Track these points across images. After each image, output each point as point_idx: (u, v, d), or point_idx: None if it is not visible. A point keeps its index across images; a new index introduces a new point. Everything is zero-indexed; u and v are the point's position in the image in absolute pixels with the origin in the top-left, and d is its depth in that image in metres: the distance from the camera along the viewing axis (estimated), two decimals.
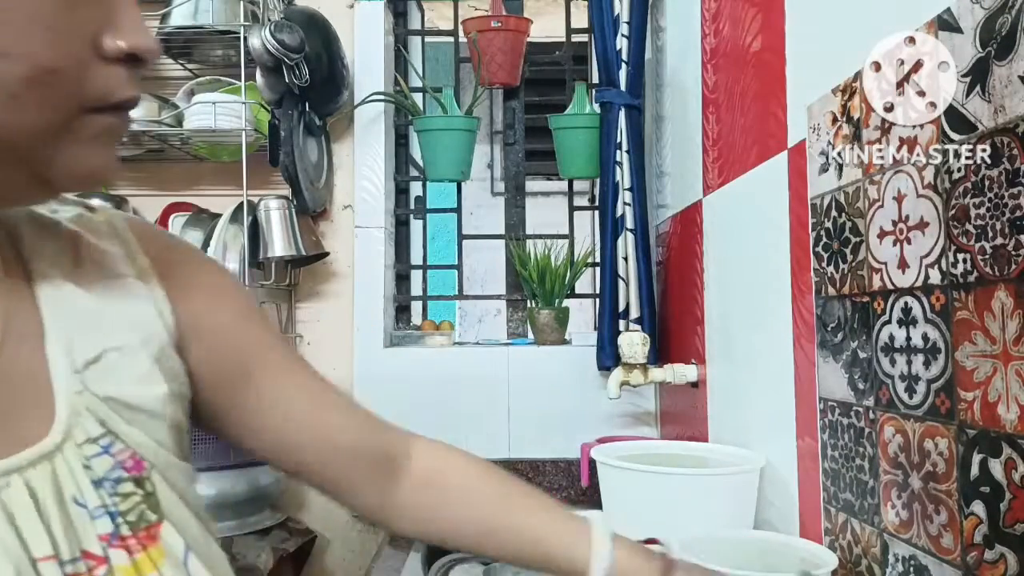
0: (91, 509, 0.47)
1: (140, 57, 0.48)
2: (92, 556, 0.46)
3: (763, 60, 1.15)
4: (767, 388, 1.14)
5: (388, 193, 2.02)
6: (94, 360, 0.50)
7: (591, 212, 2.21)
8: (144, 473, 0.50)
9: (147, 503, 0.49)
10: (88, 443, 0.48)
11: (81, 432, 0.48)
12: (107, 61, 0.47)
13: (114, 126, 0.49)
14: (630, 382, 1.55)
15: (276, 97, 1.72)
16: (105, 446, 0.49)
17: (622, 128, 1.71)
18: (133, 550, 0.48)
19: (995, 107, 0.64)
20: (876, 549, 0.83)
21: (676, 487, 1.07)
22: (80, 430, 0.48)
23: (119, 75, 0.47)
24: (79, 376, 0.49)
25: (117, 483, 0.48)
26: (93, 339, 0.51)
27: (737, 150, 1.27)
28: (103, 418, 0.49)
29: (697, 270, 1.48)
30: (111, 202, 1.90)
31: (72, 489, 0.47)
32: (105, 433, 0.49)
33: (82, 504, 0.47)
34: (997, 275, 0.64)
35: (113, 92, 0.47)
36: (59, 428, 0.47)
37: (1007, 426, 0.63)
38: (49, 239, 0.54)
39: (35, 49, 0.43)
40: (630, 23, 1.70)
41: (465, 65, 2.12)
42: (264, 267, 1.83)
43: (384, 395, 1.89)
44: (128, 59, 0.47)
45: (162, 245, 0.60)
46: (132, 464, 0.50)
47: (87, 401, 0.49)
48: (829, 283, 0.93)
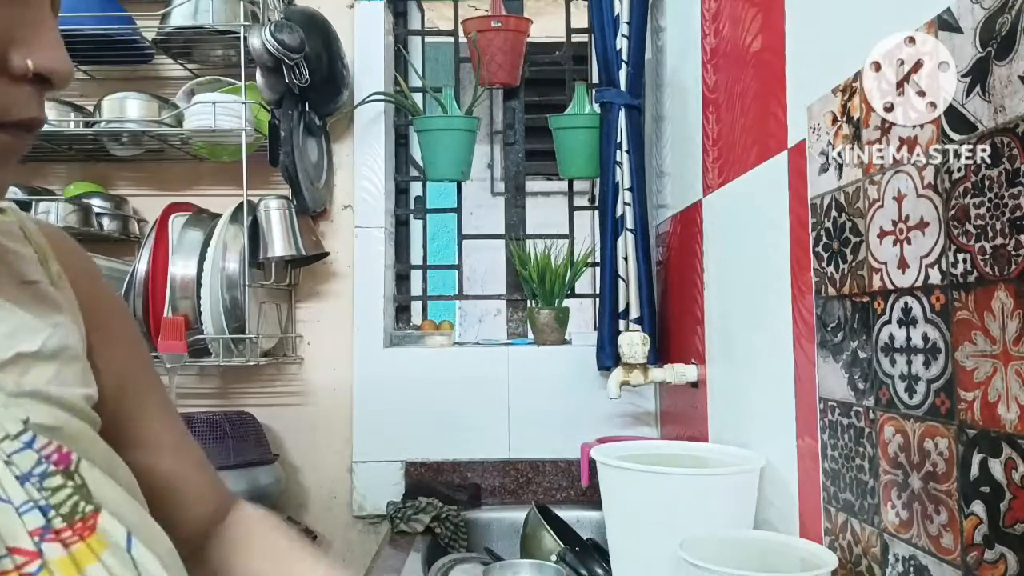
0: (17, 505, 0.46)
1: (49, 79, 0.46)
2: (22, 552, 0.45)
3: (763, 60, 1.15)
4: (767, 388, 1.14)
5: (388, 193, 2.02)
6: (8, 362, 0.49)
7: (591, 212, 2.21)
8: (72, 465, 0.49)
9: (79, 494, 0.49)
10: (7, 440, 0.47)
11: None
12: (11, 79, 0.45)
13: (8, 144, 0.47)
14: (630, 382, 1.55)
15: (276, 97, 1.72)
16: (27, 442, 0.48)
17: (622, 128, 1.71)
18: (69, 543, 0.47)
19: (995, 107, 0.64)
20: (876, 549, 0.83)
21: (676, 487, 1.07)
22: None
23: (23, 94, 0.46)
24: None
25: (44, 477, 0.48)
26: (7, 341, 0.50)
27: (737, 150, 1.27)
28: (23, 415, 0.48)
29: (697, 270, 1.48)
30: (111, 202, 1.90)
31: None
32: (25, 429, 0.48)
33: (6, 500, 0.46)
34: (997, 275, 0.64)
35: (11, 110, 0.45)
36: None
37: (1007, 426, 0.63)
38: None
39: None
40: (630, 23, 1.70)
41: (465, 65, 2.12)
42: (264, 267, 1.83)
43: (384, 395, 1.90)
44: (37, 79, 0.46)
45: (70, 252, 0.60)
46: (58, 457, 0.49)
47: (3, 400, 0.48)
48: (829, 283, 0.93)
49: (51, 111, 1.78)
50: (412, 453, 1.89)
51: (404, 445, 1.89)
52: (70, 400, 0.52)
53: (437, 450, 1.89)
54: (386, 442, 1.89)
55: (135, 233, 1.94)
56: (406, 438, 1.89)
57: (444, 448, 1.88)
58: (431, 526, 1.64)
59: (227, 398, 1.93)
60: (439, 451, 1.88)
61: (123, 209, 1.93)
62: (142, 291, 1.77)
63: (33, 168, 2.00)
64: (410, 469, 1.88)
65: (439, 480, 1.86)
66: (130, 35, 1.83)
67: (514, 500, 1.86)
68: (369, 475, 1.89)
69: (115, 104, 1.78)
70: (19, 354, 0.50)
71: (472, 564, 1.41)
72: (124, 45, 1.85)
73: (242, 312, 1.73)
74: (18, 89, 0.45)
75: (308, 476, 1.94)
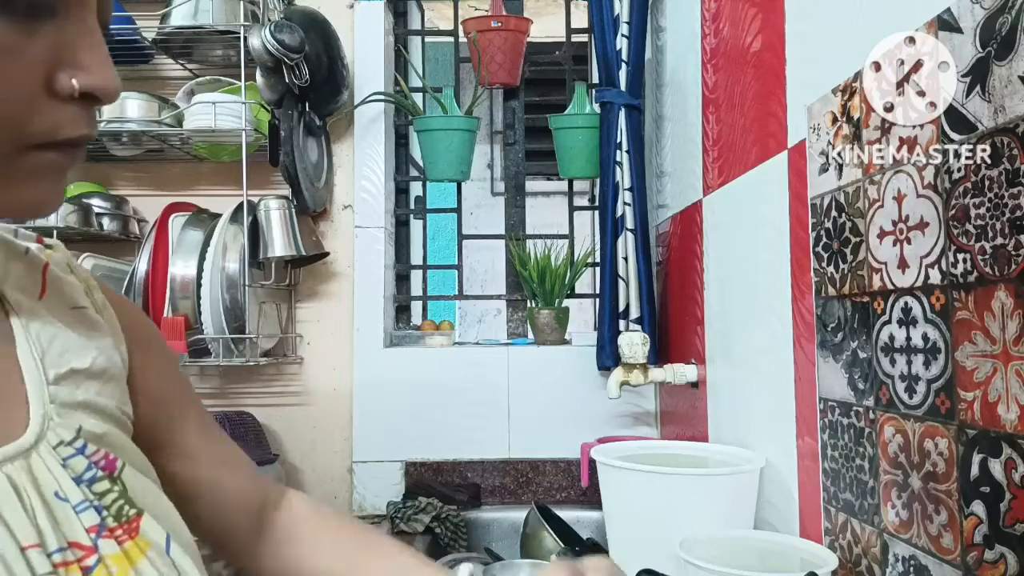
0: (75, 504, 0.48)
1: (97, 96, 0.47)
2: (80, 546, 0.47)
3: (763, 60, 1.15)
4: (767, 388, 1.14)
5: (388, 193, 2.02)
6: (64, 376, 0.53)
7: (591, 212, 2.21)
8: (116, 471, 0.52)
9: (123, 498, 0.51)
10: (62, 446, 0.50)
11: (54, 436, 0.50)
12: (59, 99, 0.45)
13: (58, 162, 0.48)
14: (630, 382, 1.55)
15: (276, 97, 1.72)
16: (79, 448, 0.51)
17: (622, 128, 1.71)
18: (121, 540, 0.49)
19: (995, 107, 0.64)
20: (876, 549, 0.83)
21: (676, 487, 1.07)
22: (53, 434, 0.50)
23: (70, 113, 0.46)
24: (50, 387, 0.51)
25: (93, 481, 0.50)
26: (62, 358, 0.53)
27: (737, 150, 1.27)
28: (77, 423, 0.51)
29: (697, 270, 1.48)
30: (111, 202, 1.90)
31: (52, 485, 0.48)
32: (78, 436, 0.51)
33: (64, 499, 0.48)
34: (997, 275, 0.64)
35: (60, 130, 0.46)
36: (33, 430, 0.49)
37: (1007, 426, 0.63)
38: (19, 264, 0.56)
39: None
40: (630, 23, 1.70)
41: (465, 65, 2.12)
42: (264, 267, 1.83)
43: (384, 395, 1.90)
44: (84, 97, 0.46)
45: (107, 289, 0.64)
46: (105, 463, 0.52)
47: (58, 409, 0.51)
48: (829, 283, 0.93)
49: None
50: (412, 453, 1.89)
51: (404, 445, 1.89)
52: (112, 411, 0.55)
53: (437, 450, 1.89)
54: (386, 442, 1.89)
55: (135, 233, 1.94)
56: (406, 438, 1.89)
57: (444, 448, 1.88)
58: (431, 526, 1.64)
59: (227, 398, 1.92)
60: (439, 451, 1.88)
61: (123, 209, 1.93)
62: (142, 291, 1.77)
63: None
64: (410, 469, 1.88)
65: (439, 480, 1.86)
66: (130, 35, 1.83)
67: (514, 500, 1.86)
68: (369, 475, 1.89)
69: (115, 104, 1.77)
70: (72, 370, 0.53)
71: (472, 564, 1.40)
72: (124, 45, 1.85)
73: (242, 312, 1.73)
74: (66, 109, 0.46)
75: (308, 476, 1.94)
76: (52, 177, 0.48)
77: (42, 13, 0.43)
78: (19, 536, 0.45)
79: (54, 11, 0.44)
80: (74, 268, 0.60)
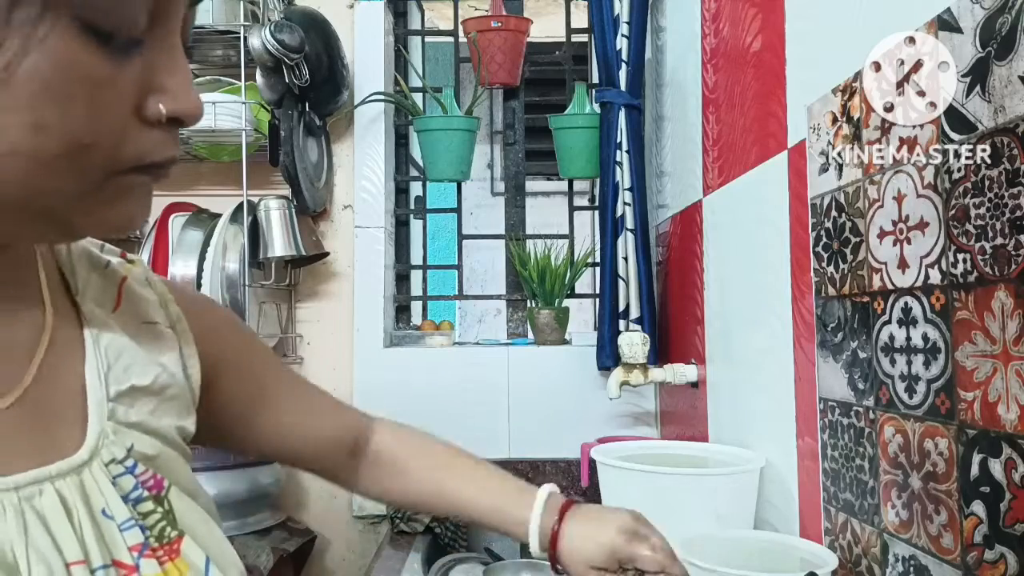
0: (120, 522, 0.49)
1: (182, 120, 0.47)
2: (123, 565, 0.48)
3: (763, 60, 1.15)
4: (767, 388, 1.14)
5: (388, 193, 2.02)
6: (124, 393, 0.54)
7: (591, 212, 2.21)
8: (163, 492, 0.53)
9: (167, 520, 0.52)
10: (114, 463, 0.51)
11: (107, 453, 0.51)
12: (148, 124, 0.46)
13: (146, 183, 0.48)
14: (630, 382, 1.55)
15: (276, 97, 1.72)
16: (129, 467, 0.52)
17: (622, 128, 1.71)
18: (162, 561, 0.50)
19: (995, 107, 0.64)
20: (876, 549, 0.83)
21: (676, 487, 1.07)
22: (107, 451, 0.51)
23: (158, 137, 0.46)
24: (110, 404, 0.52)
25: (138, 502, 0.51)
26: (124, 374, 0.54)
27: (737, 150, 1.27)
28: (129, 443, 0.52)
29: (697, 270, 1.48)
30: None
31: (100, 502, 0.49)
32: (128, 456, 0.52)
33: (110, 517, 0.49)
34: (997, 275, 0.64)
35: (149, 154, 0.46)
36: (88, 447, 0.50)
37: (1007, 426, 0.63)
38: (98, 277, 0.58)
39: (74, 127, 0.42)
40: (630, 23, 1.70)
41: (465, 65, 2.12)
42: (264, 267, 1.83)
43: (384, 395, 1.90)
44: (171, 121, 0.47)
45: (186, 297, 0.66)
46: (153, 483, 0.53)
47: (115, 427, 0.52)
48: (829, 283, 0.93)
49: None
50: None
51: None
52: (165, 431, 0.56)
53: None
54: None
55: (135, 233, 1.94)
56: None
57: None
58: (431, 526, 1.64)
59: None
60: None
61: None
62: None
63: None
64: None
65: None
66: None
67: None
68: None
69: None
70: (133, 387, 0.54)
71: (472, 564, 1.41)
72: None
73: (242, 312, 1.73)
74: (154, 133, 0.46)
75: (308, 476, 1.91)
76: (139, 197, 0.49)
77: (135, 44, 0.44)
78: (66, 552, 0.45)
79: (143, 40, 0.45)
80: (152, 282, 0.62)
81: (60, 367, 0.52)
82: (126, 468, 0.51)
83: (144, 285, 0.61)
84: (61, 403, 0.51)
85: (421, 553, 1.48)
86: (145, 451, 0.53)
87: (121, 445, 0.52)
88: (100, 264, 0.59)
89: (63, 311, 0.54)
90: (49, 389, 0.51)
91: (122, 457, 0.51)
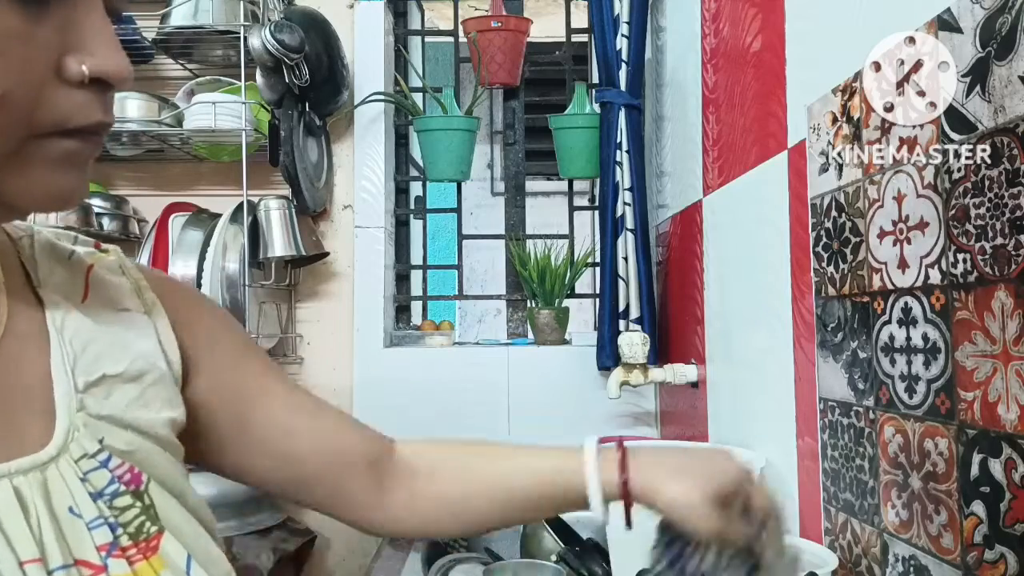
0: (88, 520, 0.48)
1: (109, 82, 0.46)
2: (89, 564, 0.47)
3: (763, 60, 1.15)
4: (767, 388, 1.14)
5: (388, 193, 2.02)
6: (94, 383, 0.52)
7: (591, 212, 2.21)
8: (142, 486, 0.51)
9: (146, 515, 0.50)
10: (84, 459, 0.49)
11: (77, 448, 0.49)
12: (70, 85, 0.45)
13: (75, 150, 0.47)
14: (630, 382, 1.55)
15: (276, 97, 1.72)
16: (102, 461, 0.50)
17: (622, 128, 1.71)
18: (133, 560, 0.48)
19: (995, 107, 0.64)
20: (876, 549, 0.83)
21: None
22: (76, 446, 0.49)
23: (82, 99, 0.45)
24: (79, 396, 0.51)
25: (114, 496, 0.49)
26: (94, 364, 0.52)
27: (737, 150, 1.27)
28: (100, 435, 0.50)
29: (697, 270, 1.48)
30: (111, 202, 1.90)
31: (67, 500, 0.47)
32: (101, 449, 0.50)
33: (78, 515, 0.47)
34: (997, 275, 0.64)
35: (72, 117, 0.45)
36: (56, 442, 0.48)
37: (1007, 426, 0.63)
38: (62, 268, 0.56)
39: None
40: (630, 23, 1.70)
41: (465, 65, 2.12)
42: (264, 267, 1.83)
43: (384, 395, 1.90)
44: (96, 83, 0.45)
45: (166, 285, 0.62)
46: (130, 477, 0.51)
47: (85, 420, 0.50)
48: (829, 283, 0.93)
49: None
50: None
51: None
52: (147, 425, 0.53)
53: None
54: None
55: (135, 233, 1.94)
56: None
57: None
58: None
59: None
60: None
61: (123, 209, 1.93)
62: None
63: None
64: None
65: None
66: (130, 35, 1.83)
67: None
68: None
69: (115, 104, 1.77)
70: (104, 375, 0.52)
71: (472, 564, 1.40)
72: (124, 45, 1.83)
73: (242, 312, 1.73)
74: (77, 95, 0.45)
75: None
76: (70, 167, 0.47)
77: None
78: (19, 550, 0.44)
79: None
80: (126, 269, 0.60)
81: (22, 360, 0.50)
82: (99, 462, 0.49)
83: (117, 273, 0.59)
84: (23, 397, 0.49)
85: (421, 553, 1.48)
86: (118, 445, 0.51)
87: (92, 438, 0.50)
88: (64, 255, 0.57)
89: (24, 303, 0.52)
90: (8, 382, 0.49)
91: (94, 451, 0.50)
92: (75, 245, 0.58)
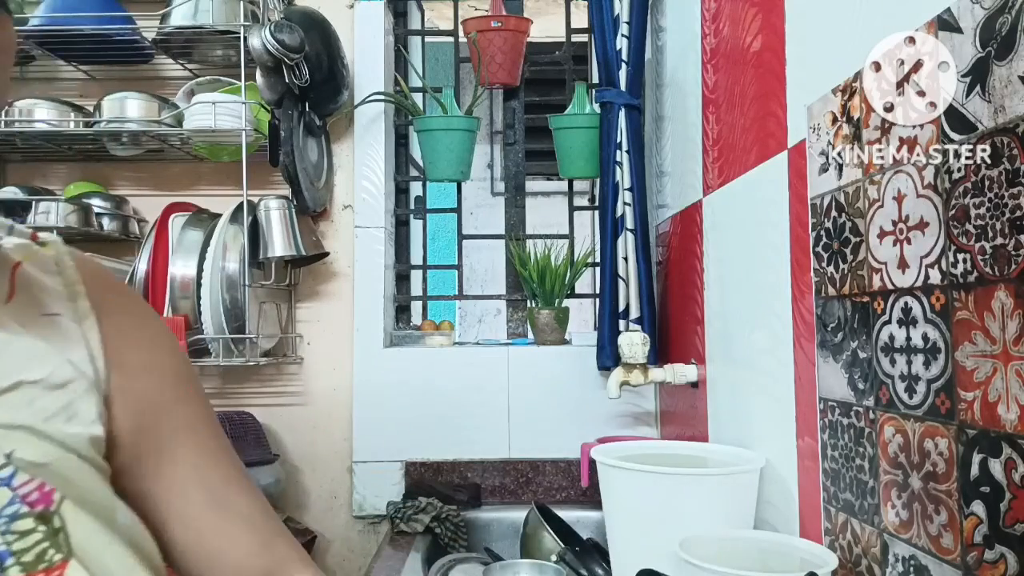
0: None
1: None
2: None
3: (763, 60, 1.15)
4: (767, 388, 1.14)
5: (388, 193, 2.02)
6: (9, 389, 0.48)
7: (591, 212, 2.21)
8: (52, 507, 0.46)
9: (51, 541, 0.46)
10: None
11: None
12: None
13: None
14: (630, 382, 1.55)
15: (276, 97, 1.72)
16: (5, 479, 0.45)
17: (622, 128, 1.71)
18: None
19: (995, 107, 0.64)
20: (876, 549, 0.83)
21: (676, 487, 1.07)
22: None
23: None
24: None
25: (13, 519, 0.45)
26: (11, 368, 0.48)
27: (737, 150, 1.27)
28: (9, 448, 0.46)
29: (697, 270, 1.48)
30: (111, 202, 1.90)
31: None
32: (7, 464, 0.46)
33: None
34: (997, 275, 0.64)
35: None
36: None
37: (1007, 426, 0.63)
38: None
39: None
40: (630, 23, 1.70)
41: (465, 65, 2.12)
42: (264, 267, 1.83)
43: (384, 395, 1.90)
44: None
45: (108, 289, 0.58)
46: (37, 497, 0.46)
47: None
48: (829, 283, 0.93)
49: (51, 111, 1.79)
50: (412, 453, 1.89)
51: (404, 445, 1.89)
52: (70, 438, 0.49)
53: (437, 450, 1.88)
54: (386, 442, 1.89)
55: (135, 233, 1.94)
56: (406, 438, 1.89)
57: (444, 448, 1.88)
58: (431, 526, 1.64)
59: (227, 398, 1.92)
60: (439, 451, 1.88)
61: (123, 209, 1.93)
62: (142, 291, 1.77)
63: (33, 168, 2.00)
64: (410, 469, 1.88)
65: (439, 480, 1.86)
66: (130, 35, 1.83)
67: (514, 500, 1.86)
68: (369, 475, 1.89)
69: (115, 104, 1.78)
70: (21, 382, 0.48)
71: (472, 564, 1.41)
72: (124, 45, 1.85)
73: (242, 312, 1.73)
74: None
75: (308, 476, 1.94)
76: None
77: None
78: None
79: None
80: (63, 267, 0.55)
81: None
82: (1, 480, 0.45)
83: (52, 272, 0.54)
84: None
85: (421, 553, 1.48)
86: (30, 457, 0.46)
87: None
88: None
89: None
90: None
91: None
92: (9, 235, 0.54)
